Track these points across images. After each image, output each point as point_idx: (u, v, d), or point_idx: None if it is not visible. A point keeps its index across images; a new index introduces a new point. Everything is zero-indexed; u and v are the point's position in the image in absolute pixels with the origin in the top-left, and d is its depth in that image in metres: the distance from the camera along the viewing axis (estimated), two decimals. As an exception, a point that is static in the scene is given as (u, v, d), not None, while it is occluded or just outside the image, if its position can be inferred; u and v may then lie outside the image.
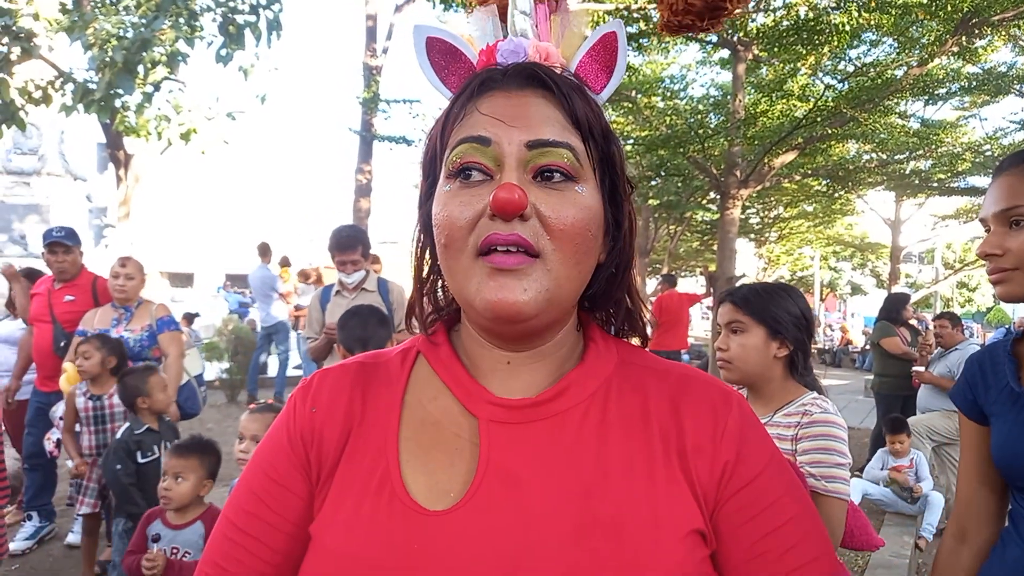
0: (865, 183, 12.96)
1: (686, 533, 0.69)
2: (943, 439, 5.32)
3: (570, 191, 0.71)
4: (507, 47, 0.79)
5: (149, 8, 6.71)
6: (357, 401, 0.79)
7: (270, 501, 0.77)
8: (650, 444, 0.74)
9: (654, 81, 11.31)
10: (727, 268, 8.13)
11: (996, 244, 1.30)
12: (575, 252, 0.72)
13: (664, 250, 18.42)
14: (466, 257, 0.70)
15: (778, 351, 1.85)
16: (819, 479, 1.68)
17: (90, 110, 6.41)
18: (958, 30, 7.10)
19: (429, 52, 0.82)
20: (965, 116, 12.72)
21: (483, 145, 0.71)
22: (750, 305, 1.87)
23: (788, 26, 7.54)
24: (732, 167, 8.49)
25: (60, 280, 4.42)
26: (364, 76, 13.79)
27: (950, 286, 26.32)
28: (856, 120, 8.04)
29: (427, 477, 0.72)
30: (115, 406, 3.67)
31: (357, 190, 13.97)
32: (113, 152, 7.97)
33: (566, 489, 0.70)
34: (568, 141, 0.72)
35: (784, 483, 0.77)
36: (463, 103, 0.75)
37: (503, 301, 0.68)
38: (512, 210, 0.67)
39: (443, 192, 0.73)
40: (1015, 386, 1.30)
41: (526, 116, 0.72)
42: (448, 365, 0.79)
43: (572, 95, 0.74)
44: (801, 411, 1.79)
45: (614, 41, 0.81)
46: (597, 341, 0.82)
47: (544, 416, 0.74)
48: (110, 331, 4.03)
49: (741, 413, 0.78)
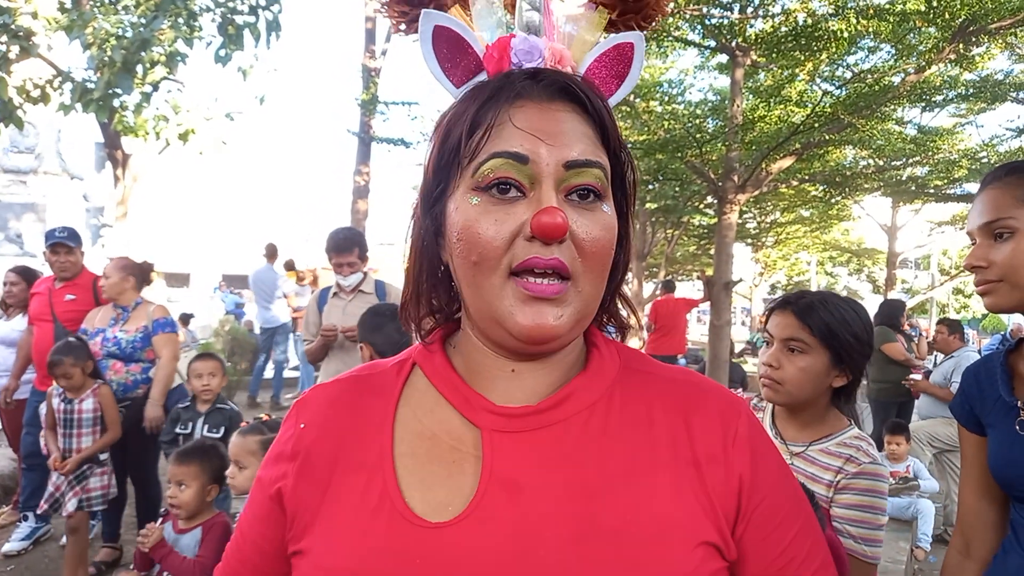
0: (862, 189, 12.97)
1: (697, 543, 0.69)
2: (944, 446, 5.33)
3: (598, 211, 0.71)
4: (521, 46, 0.76)
5: (148, 8, 6.70)
6: (350, 415, 0.78)
7: (257, 522, 0.81)
8: (655, 451, 0.73)
9: (652, 85, 11.34)
10: (724, 272, 8.14)
11: (981, 256, 1.32)
12: (603, 271, 0.72)
13: (661, 254, 18.43)
14: (498, 276, 0.69)
15: (836, 380, 1.65)
16: (859, 541, 1.52)
17: (88, 109, 6.40)
18: (955, 37, 7.13)
19: (435, 41, 0.78)
20: (962, 123, 12.79)
21: (520, 163, 0.69)
22: (818, 324, 1.62)
23: (786, 32, 7.57)
24: (730, 172, 8.50)
25: (61, 279, 4.42)
26: (363, 78, 13.79)
27: (946, 292, 26.36)
28: (853, 126, 8.07)
29: (426, 492, 0.71)
30: (83, 412, 3.67)
31: (355, 191, 13.96)
32: (111, 151, 7.95)
33: (569, 496, 0.69)
34: (600, 160, 0.72)
35: (792, 491, 0.78)
36: (493, 110, 0.71)
37: (541, 327, 0.69)
38: (557, 235, 0.67)
39: (470, 205, 0.70)
40: (1008, 397, 1.31)
41: (562, 133, 0.70)
42: (444, 376, 0.78)
43: (602, 111, 0.74)
44: (846, 456, 1.59)
45: (630, 51, 0.80)
46: (600, 347, 0.81)
47: (547, 424, 0.73)
48: (107, 331, 4.03)
49: (749, 421, 0.78)
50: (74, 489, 3.61)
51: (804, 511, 0.77)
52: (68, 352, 3.66)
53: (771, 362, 1.67)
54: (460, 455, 0.73)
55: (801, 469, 1.63)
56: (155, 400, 4.03)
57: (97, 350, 3.99)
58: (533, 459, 0.71)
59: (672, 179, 11.92)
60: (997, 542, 1.37)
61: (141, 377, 4.10)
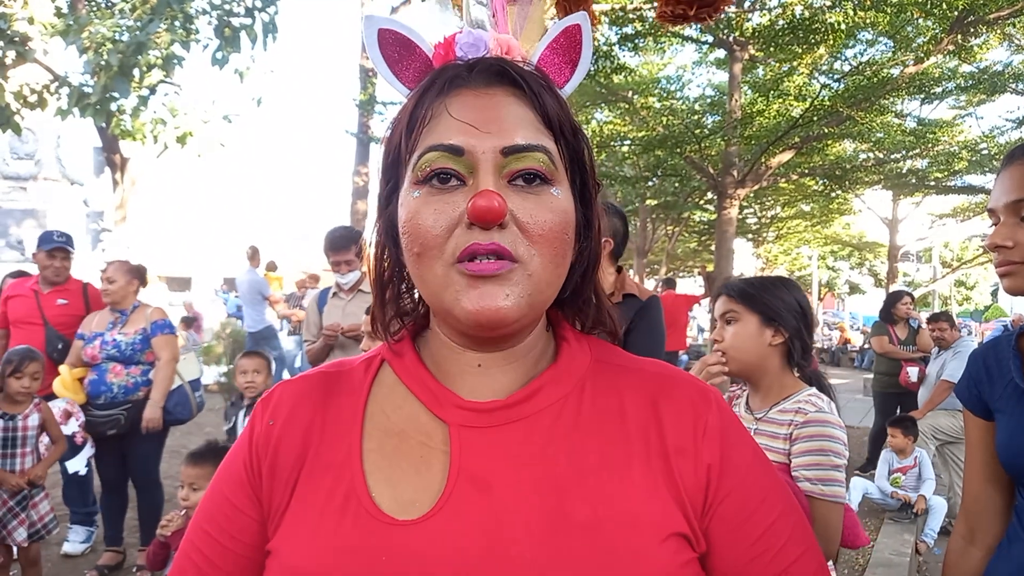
0: (862, 182, 12.98)
1: (667, 535, 0.68)
2: (947, 438, 5.32)
3: (546, 194, 0.70)
4: (466, 39, 0.75)
5: (144, 11, 6.69)
6: (318, 413, 0.77)
7: (222, 520, 0.76)
8: (627, 444, 0.72)
9: (650, 82, 11.34)
10: (725, 268, 8.14)
11: (1007, 235, 1.24)
12: (554, 256, 0.70)
13: (662, 251, 18.45)
14: (441, 265, 0.68)
15: (773, 339, 1.83)
16: (815, 483, 1.64)
17: (86, 114, 6.39)
18: (954, 28, 7.12)
19: (382, 45, 0.77)
20: (961, 115, 12.78)
21: (455, 155, 0.68)
22: (743, 294, 1.86)
23: (784, 25, 7.57)
24: (729, 167, 8.50)
25: (51, 284, 4.40)
26: (360, 78, 13.81)
27: (948, 284, 26.36)
28: (853, 119, 8.06)
29: (393, 489, 0.70)
30: (28, 428, 3.44)
31: (354, 192, 13.98)
32: (109, 156, 7.96)
33: (539, 490, 0.68)
34: (542, 143, 0.70)
35: (768, 481, 0.76)
36: (429, 102, 0.71)
37: (486, 308, 0.67)
38: (492, 219, 0.65)
39: (411, 198, 0.70)
40: (1020, 381, 1.27)
41: (498, 119, 0.69)
42: (413, 372, 0.77)
43: (543, 93, 0.72)
44: (795, 408, 1.75)
45: (578, 34, 0.79)
46: (570, 340, 0.80)
47: (516, 418, 0.72)
48: (105, 334, 4.02)
49: (720, 411, 0.76)
50: (19, 517, 3.30)
51: (782, 501, 0.75)
52: (34, 355, 3.50)
53: (715, 337, 1.92)
54: (428, 451, 0.72)
55: (763, 431, 1.79)
56: (155, 402, 4.01)
57: (96, 354, 3.98)
58: (502, 454, 0.70)
59: (671, 175, 11.92)
60: (1002, 529, 1.34)
61: (141, 379, 4.09)
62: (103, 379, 3.97)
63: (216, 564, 0.75)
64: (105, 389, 3.95)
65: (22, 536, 3.30)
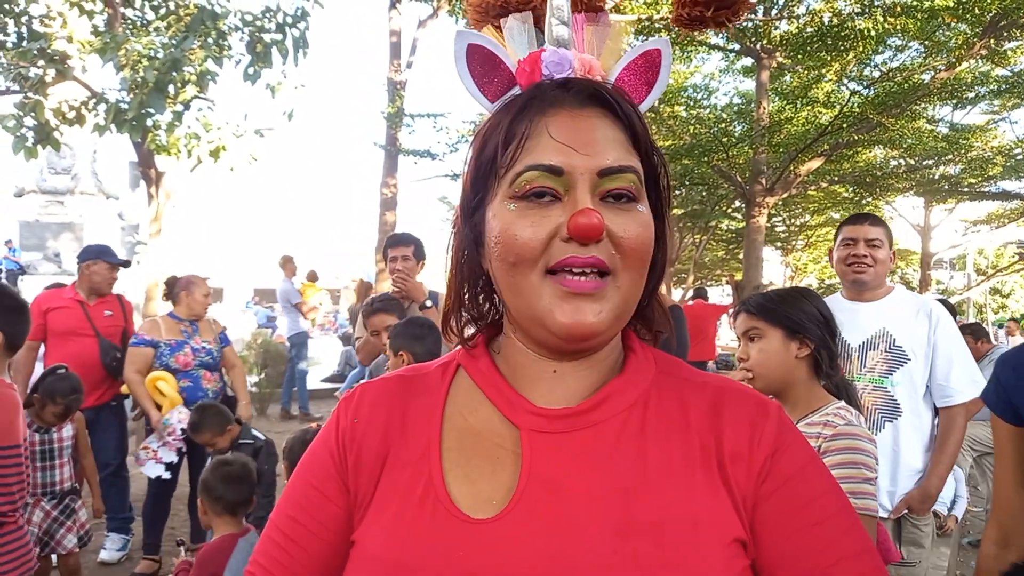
0: (893, 189, 12.80)
1: (729, 541, 0.70)
2: (984, 448, 5.21)
3: (634, 211, 0.74)
4: (551, 58, 0.79)
5: (179, 29, 6.83)
6: (398, 413, 0.81)
7: (311, 508, 0.80)
8: (690, 451, 0.74)
9: (677, 90, 11.29)
10: (753, 276, 8.07)
11: None
12: (642, 268, 0.75)
13: (689, 259, 18.32)
14: (535, 275, 0.72)
15: (799, 351, 1.82)
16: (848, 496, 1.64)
17: (122, 129, 6.52)
18: (986, 33, 7.02)
19: (469, 60, 0.81)
20: (995, 119, 12.56)
21: (555, 175, 0.71)
22: (764, 310, 1.86)
23: (812, 33, 7.52)
24: (757, 175, 8.44)
25: (96, 295, 4.49)
26: (388, 91, 13.92)
27: (983, 292, 25.82)
28: (883, 126, 7.97)
29: (470, 486, 0.74)
30: (64, 440, 3.51)
31: (383, 204, 14.06)
32: (144, 170, 8.09)
33: (606, 494, 0.71)
34: (632, 165, 0.74)
35: (824, 482, 0.77)
36: (527, 121, 0.74)
37: (579, 323, 0.71)
38: (594, 235, 0.69)
39: (507, 210, 0.73)
40: None
41: (594, 141, 0.73)
42: (488, 376, 0.81)
43: (631, 115, 0.76)
44: (823, 421, 1.73)
45: (658, 58, 0.83)
46: (636, 351, 0.83)
47: (585, 425, 0.75)
48: (190, 341, 4.20)
49: (779, 421, 0.78)
50: (66, 525, 3.41)
51: (841, 502, 0.77)
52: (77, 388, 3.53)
53: (741, 356, 1.90)
54: (502, 452, 0.75)
55: None
56: (247, 403, 4.41)
57: (189, 360, 4.18)
58: (571, 458, 0.73)
59: (699, 183, 11.86)
60: None
61: (220, 385, 4.37)
62: (199, 385, 4.20)
63: (301, 546, 0.79)
64: (202, 394, 4.16)
65: (72, 543, 3.41)
